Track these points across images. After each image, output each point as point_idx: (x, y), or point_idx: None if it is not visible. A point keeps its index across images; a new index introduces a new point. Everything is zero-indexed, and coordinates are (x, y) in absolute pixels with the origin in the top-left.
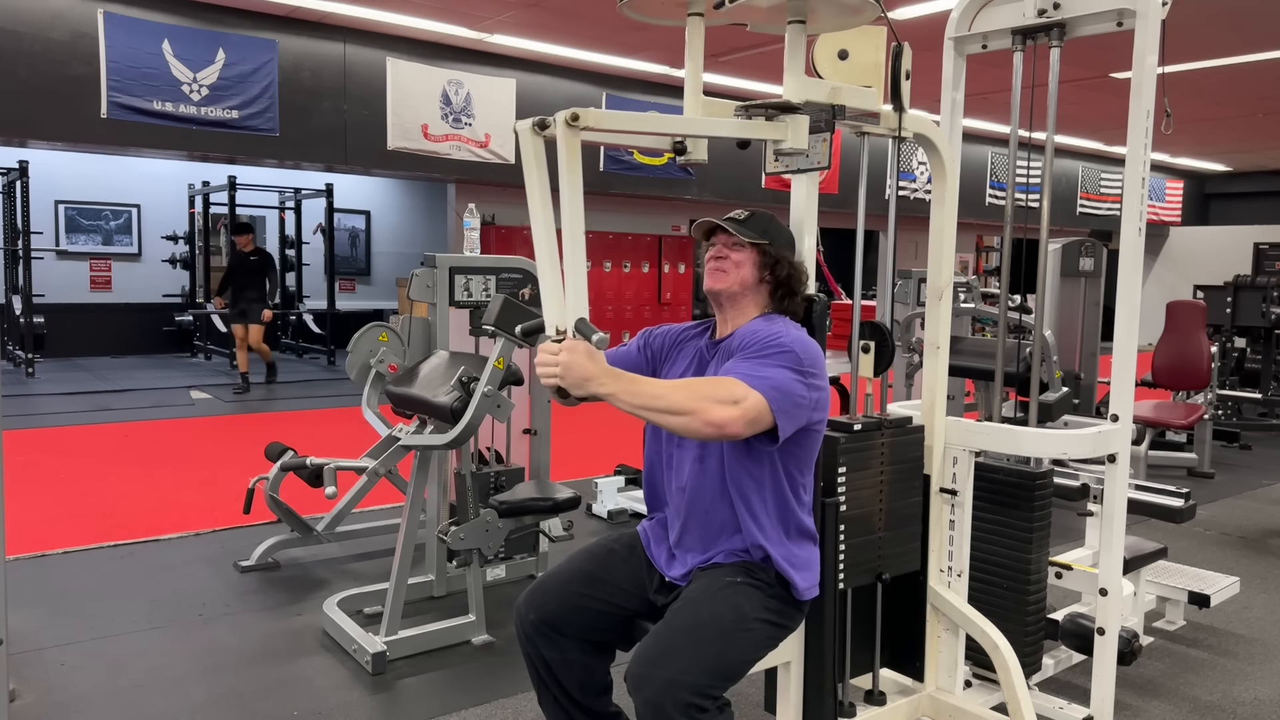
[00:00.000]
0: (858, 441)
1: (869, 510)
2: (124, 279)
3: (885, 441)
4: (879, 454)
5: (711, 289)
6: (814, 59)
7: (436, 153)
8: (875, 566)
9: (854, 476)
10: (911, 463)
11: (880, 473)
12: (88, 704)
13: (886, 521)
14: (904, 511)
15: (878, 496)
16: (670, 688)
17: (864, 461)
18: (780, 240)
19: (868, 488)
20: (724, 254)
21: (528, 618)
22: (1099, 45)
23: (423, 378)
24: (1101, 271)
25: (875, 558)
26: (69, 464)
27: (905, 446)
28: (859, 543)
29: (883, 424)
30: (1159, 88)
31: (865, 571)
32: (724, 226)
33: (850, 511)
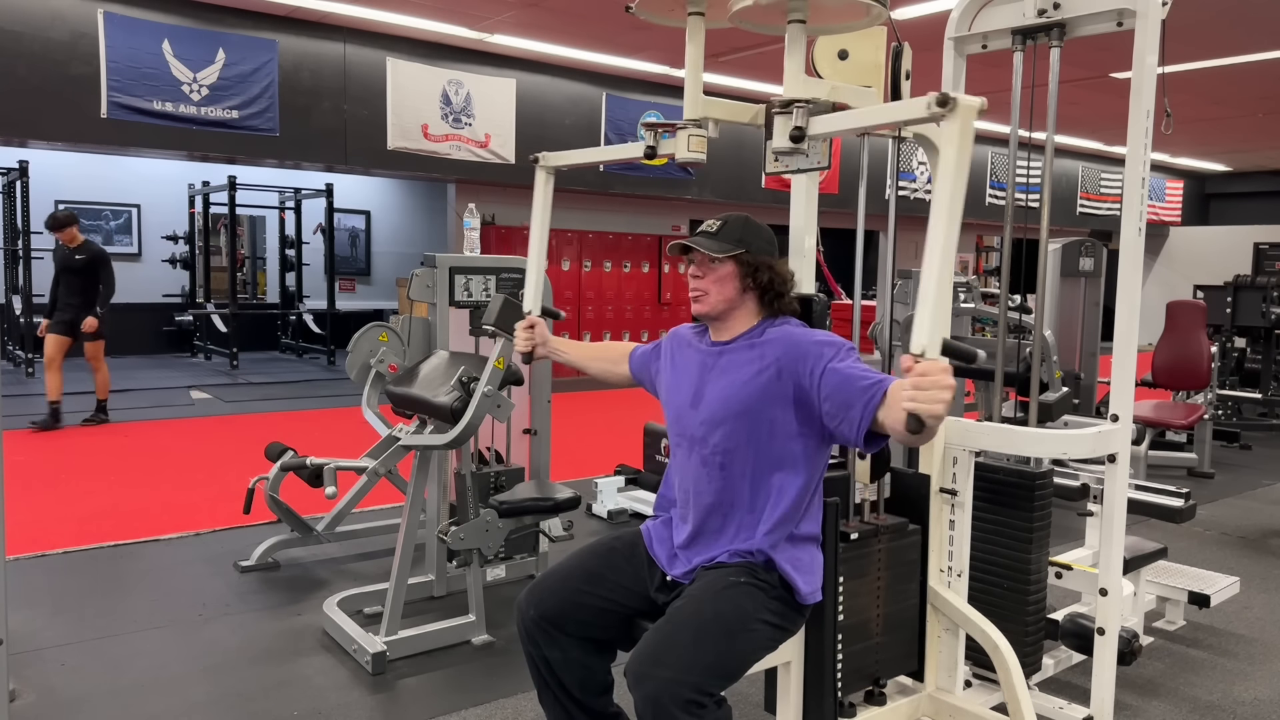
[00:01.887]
0: (855, 550)
1: (866, 617)
2: (124, 279)
3: (882, 548)
4: (876, 561)
5: (697, 314)
6: (814, 59)
7: (436, 153)
8: (873, 672)
9: (851, 585)
10: (908, 566)
11: (877, 579)
12: (88, 704)
13: (884, 626)
14: (902, 615)
15: (875, 603)
16: (670, 684)
17: (861, 570)
18: (756, 244)
19: (865, 594)
20: (700, 274)
21: (529, 615)
22: (1099, 45)
23: (423, 378)
24: (1101, 271)
25: (873, 663)
26: (69, 464)
27: (902, 550)
28: (856, 650)
29: (879, 530)
30: (1159, 88)
31: (863, 678)
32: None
33: (848, 620)
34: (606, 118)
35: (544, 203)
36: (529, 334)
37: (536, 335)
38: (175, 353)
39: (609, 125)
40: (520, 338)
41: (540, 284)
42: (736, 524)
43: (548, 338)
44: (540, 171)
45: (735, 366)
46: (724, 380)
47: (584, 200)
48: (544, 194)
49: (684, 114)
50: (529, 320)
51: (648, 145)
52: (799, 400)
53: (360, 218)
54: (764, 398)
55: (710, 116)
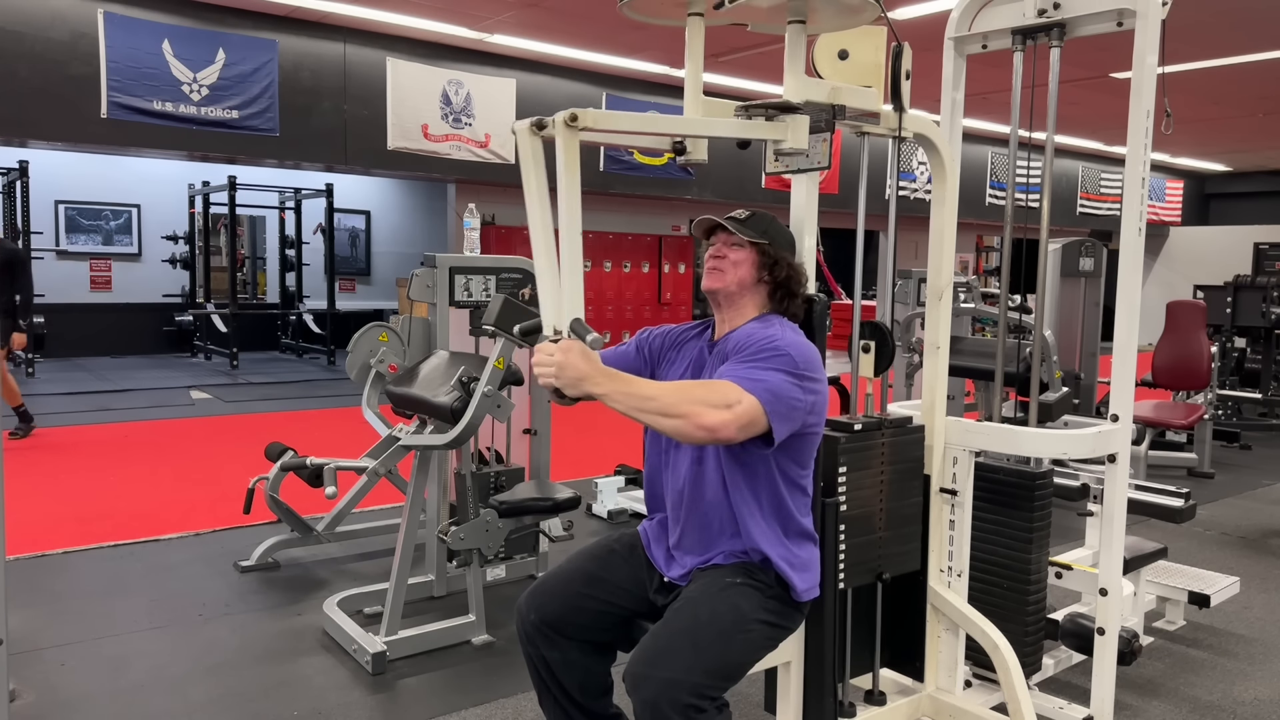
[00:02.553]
0: (858, 441)
1: (869, 510)
2: (124, 279)
3: (885, 441)
4: (879, 454)
5: (709, 288)
6: (814, 59)
7: (436, 153)
8: (876, 566)
9: (854, 476)
10: (912, 463)
11: (880, 472)
12: (88, 704)
13: (887, 521)
14: (904, 511)
15: (878, 496)
16: (668, 688)
17: (864, 461)
18: (780, 241)
19: (868, 487)
20: (723, 253)
21: (528, 618)
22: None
23: (423, 378)
24: (1101, 271)
25: (876, 557)
26: (69, 464)
27: (905, 446)
28: (859, 542)
29: (883, 424)
30: (1159, 88)
31: (866, 571)
32: (724, 225)
33: (850, 511)
34: None
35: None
36: None
37: None
38: (175, 353)
39: None
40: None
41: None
42: (720, 520)
43: None
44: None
45: (715, 365)
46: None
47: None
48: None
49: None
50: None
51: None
52: None
53: (360, 218)
54: None
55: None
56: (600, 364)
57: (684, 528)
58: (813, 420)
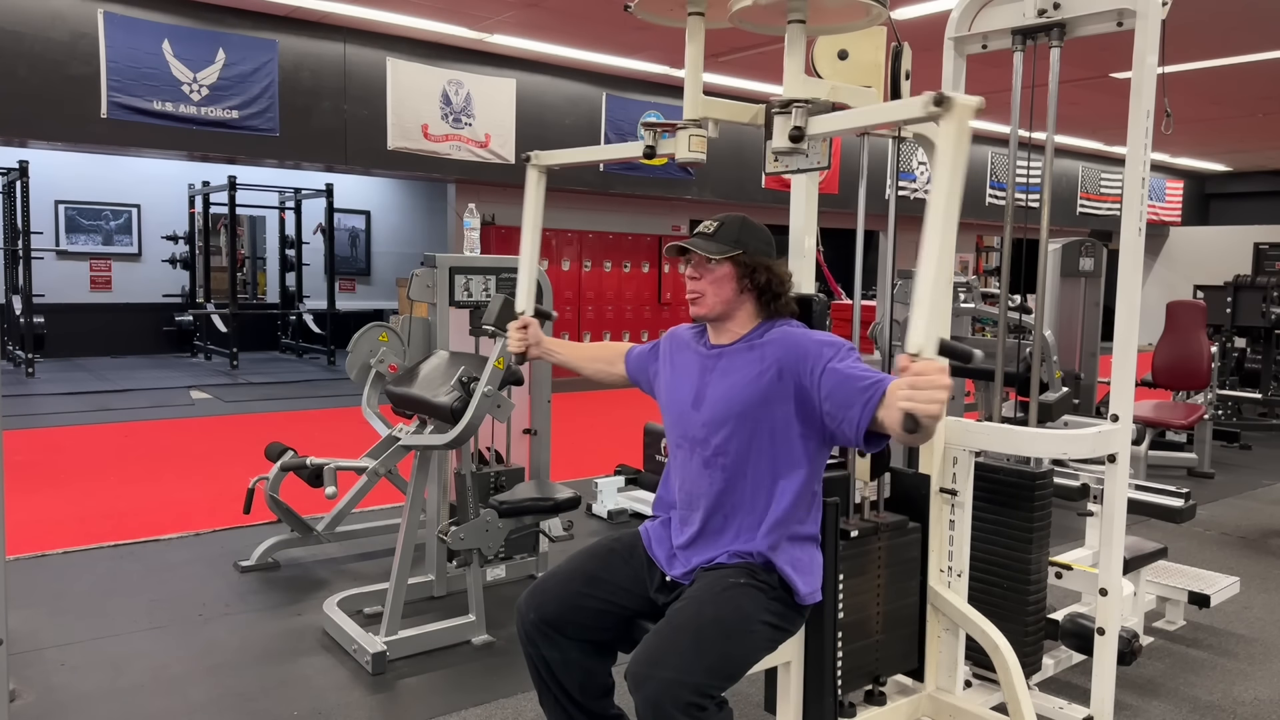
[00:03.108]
0: (855, 548)
1: (866, 615)
2: (124, 279)
3: (882, 546)
4: (876, 559)
5: (696, 316)
6: (814, 59)
7: (436, 153)
8: (873, 670)
9: (851, 583)
10: (908, 564)
11: (877, 577)
12: (88, 704)
13: (884, 624)
14: (901, 613)
15: (875, 601)
16: (670, 686)
17: (861, 568)
18: (754, 244)
19: (865, 593)
20: (698, 275)
21: (528, 618)
22: (1099, 45)
23: (423, 378)
24: (1101, 271)
25: (873, 661)
26: (69, 464)
27: (902, 548)
28: (856, 648)
29: (879, 528)
30: (1159, 88)
31: (862, 675)
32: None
33: (848, 618)
34: (606, 118)
35: (536, 202)
36: (522, 334)
37: (530, 336)
38: (175, 353)
39: (609, 125)
40: (513, 338)
41: (533, 284)
42: (737, 525)
43: (541, 338)
44: (532, 170)
45: (736, 368)
46: (726, 382)
47: (584, 200)
48: (536, 193)
49: (684, 114)
50: (522, 320)
51: (646, 145)
52: (800, 400)
53: (360, 218)
54: (766, 399)
55: (710, 116)
56: None
57: (701, 530)
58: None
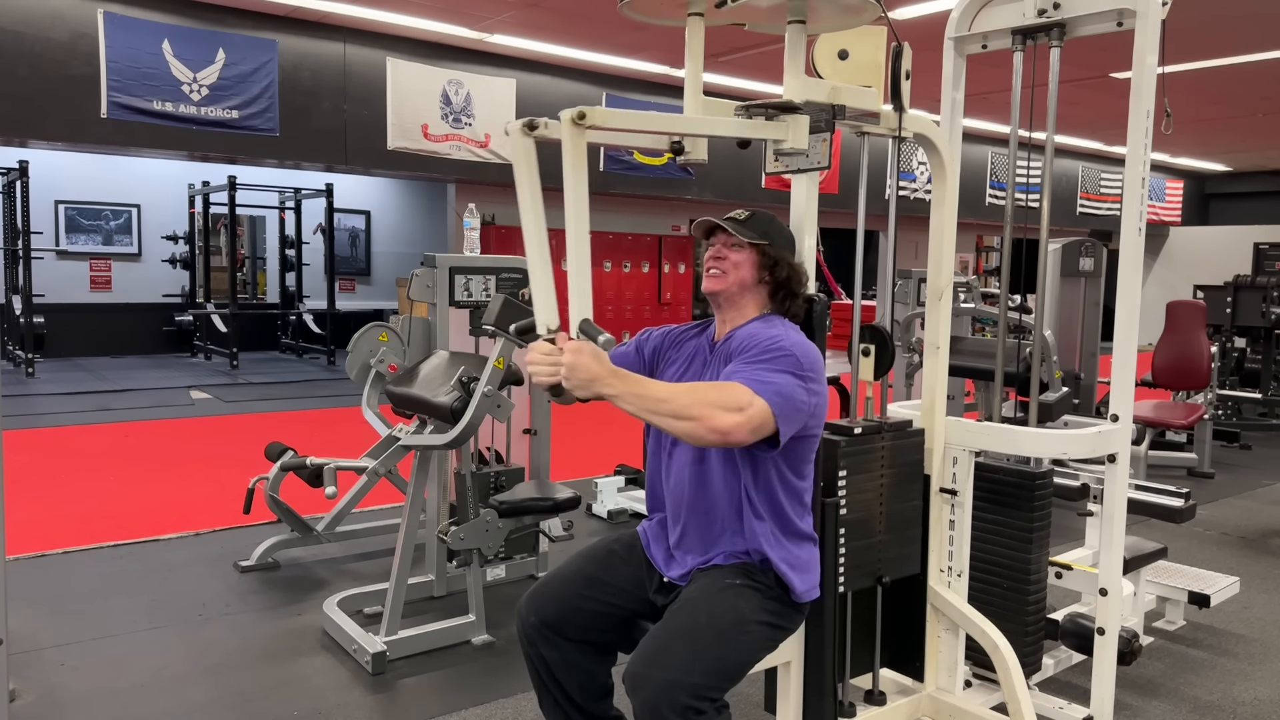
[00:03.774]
0: (858, 445)
1: (869, 513)
2: (124, 279)
3: (885, 445)
4: (879, 457)
5: (710, 290)
6: (814, 59)
7: (436, 153)
8: (875, 569)
9: (854, 480)
10: (911, 466)
11: (880, 476)
12: (88, 704)
13: (886, 524)
14: (904, 514)
15: (878, 500)
16: (667, 689)
17: (864, 465)
18: (780, 241)
19: (868, 491)
20: (723, 254)
21: (529, 620)
22: (1099, 45)
23: (423, 378)
24: (1101, 271)
25: (875, 560)
26: (69, 464)
27: (905, 450)
28: (859, 546)
29: (883, 427)
30: (1159, 88)
31: (865, 574)
32: (723, 226)
33: (850, 515)
34: None
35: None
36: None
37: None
38: (175, 353)
39: None
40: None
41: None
42: (721, 520)
43: None
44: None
45: (716, 364)
46: (707, 374)
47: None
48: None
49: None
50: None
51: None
52: None
53: (360, 218)
54: None
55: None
56: (611, 365)
57: (685, 527)
58: (813, 423)
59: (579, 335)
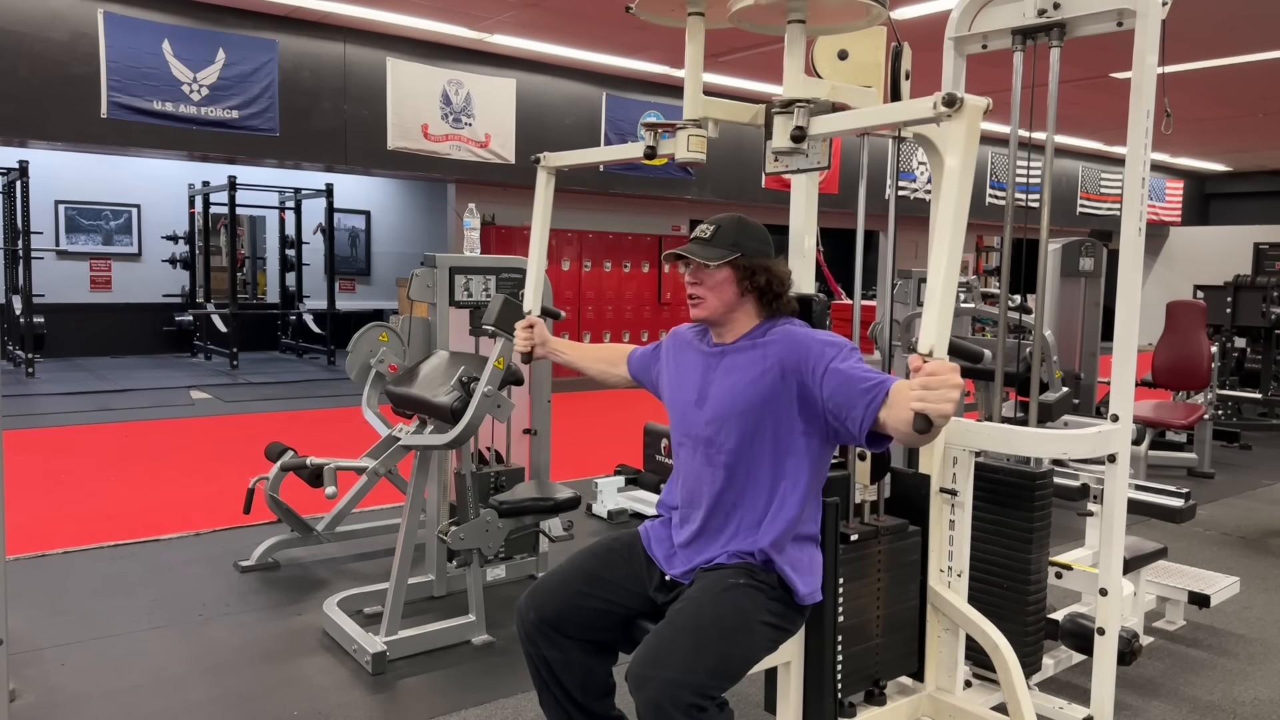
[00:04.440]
0: (855, 551)
1: (866, 619)
2: (124, 279)
3: (882, 549)
4: (875, 563)
5: (697, 319)
6: (814, 59)
7: (436, 153)
8: (873, 673)
9: (851, 587)
10: (908, 567)
11: (877, 581)
12: (88, 704)
13: (884, 628)
14: (901, 616)
15: (875, 604)
16: (671, 687)
17: (861, 571)
18: (751, 245)
19: (865, 596)
20: (698, 279)
21: (528, 618)
22: (1099, 45)
23: (423, 378)
24: (1101, 271)
25: (873, 664)
26: (69, 464)
27: (902, 552)
28: (856, 651)
29: (879, 531)
30: (1159, 88)
31: (862, 679)
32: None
33: (848, 621)
34: (606, 118)
35: (545, 203)
36: (528, 334)
37: (535, 335)
38: (175, 353)
39: (609, 125)
40: (519, 337)
41: (540, 284)
42: (737, 523)
43: (547, 338)
44: (541, 172)
45: (739, 366)
46: (729, 380)
47: (584, 200)
48: (545, 194)
49: (684, 114)
50: (528, 320)
51: (647, 145)
52: (802, 399)
53: (360, 218)
54: (768, 397)
55: (710, 116)
56: None
57: (702, 528)
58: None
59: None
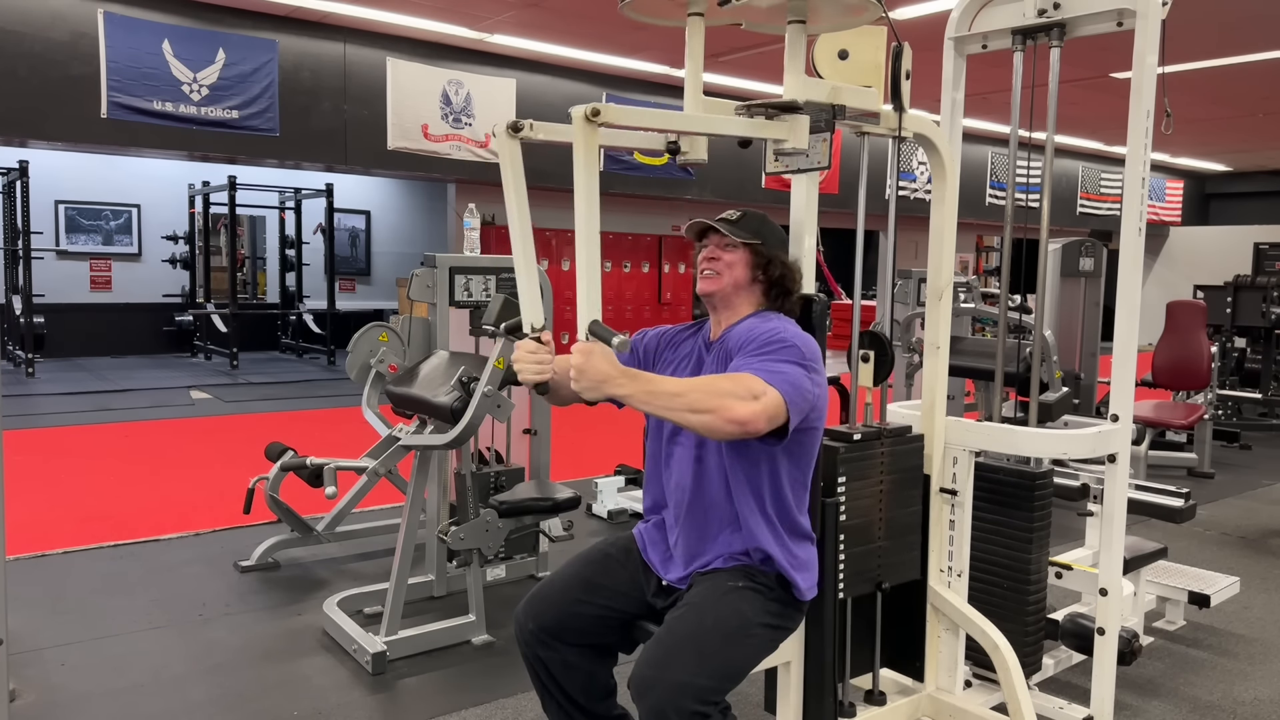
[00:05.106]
0: (857, 451)
1: (868, 519)
2: (124, 279)
3: (884, 451)
4: (878, 463)
5: (705, 291)
6: (814, 59)
7: (436, 153)
8: (875, 575)
9: (853, 486)
10: (910, 471)
11: (879, 482)
12: (88, 704)
13: (886, 530)
14: (903, 520)
15: (877, 505)
16: (674, 695)
17: (863, 471)
18: (773, 240)
19: (867, 497)
20: (716, 255)
21: (527, 626)
22: (1099, 45)
23: (423, 378)
24: (1101, 271)
25: (875, 566)
26: (69, 464)
27: (904, 455)
28: (859, 552)
29: (882, 433)
30: (1159, 88)
31: (865, 580)
32: (716, 227)
33: (850, 521)
34: None
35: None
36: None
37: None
38: (175, 353)
39: None
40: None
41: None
42: (719, 520)
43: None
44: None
45: (714, 362)
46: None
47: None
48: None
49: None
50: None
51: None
52: None
53: (360, 218)
54: None
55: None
56: (621, 365)
57: (684, 527)
58: (815, 415)
59: (588, 337)
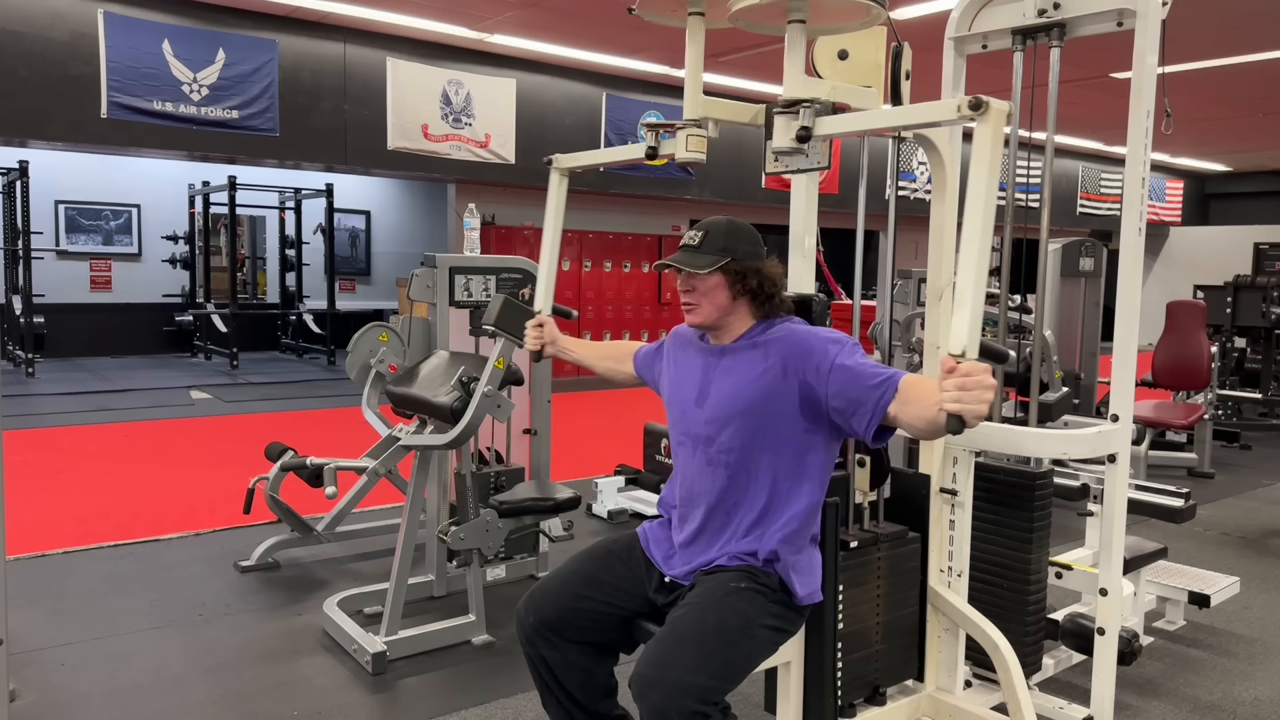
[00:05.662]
0: (855, 559)
1: (866, 625)
2: (124, 279)
3: (881, 556)
4: (875, 569)
5: (693, 325)
6: (814, 59)
7: (436, 153)
8: (872, 680)
9: (851, 593)
10: (908, 574)
11: (877, 587)
12: (88, 704)
13: (883, 634)
14: (901, 623)
15: (874, 610)
16: (675, 694)
17: (861, 578)
18: (740, 249)
19: (865, 602)
20: (690, 287)
21: (527, 621)
22: (1099, 45)
23: (423, 378)
24: (1101, 271)
25: (872, 671)
26: (69, 464)
27: (901, 559)
28: (856, 658)
29: (879, 538)
30: (1159, 88)
31: (862, 686)
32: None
33: (848, 628)
34: (606, 118)
35: (558, 204)
36: (538, 333)
37: (545, 334)
38: (175, 353)
39: (609, 125)
40: (530, 336)
41: (552, 283)
42: (737, 523)
43: (556, 337)
44: (554, 173)
45: (739, 366)
46: (729, 379)
47: (584, 200)
48: (558, 195)
49: (684, 114)
50: (539, 319)
51: (648, 146)
52: (805, 397)
53: (360, 218)
54: (768, 396)
55: (710, 116)
56: None
57: (702, 527)
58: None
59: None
